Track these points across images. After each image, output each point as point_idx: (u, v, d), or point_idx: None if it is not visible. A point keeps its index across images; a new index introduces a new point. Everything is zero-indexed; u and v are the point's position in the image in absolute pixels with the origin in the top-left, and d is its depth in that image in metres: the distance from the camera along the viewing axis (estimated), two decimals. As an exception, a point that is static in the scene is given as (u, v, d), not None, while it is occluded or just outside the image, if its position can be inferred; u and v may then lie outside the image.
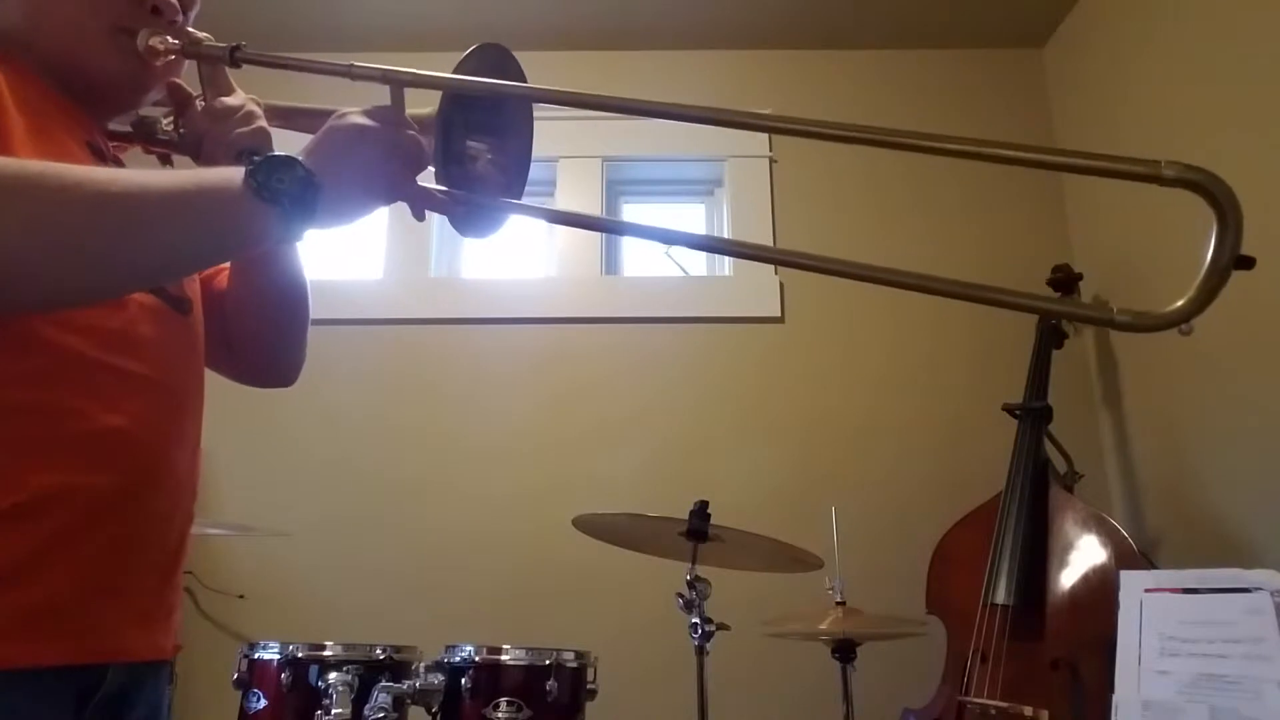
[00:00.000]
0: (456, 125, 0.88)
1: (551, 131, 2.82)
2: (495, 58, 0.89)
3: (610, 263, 2.83)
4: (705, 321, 2.64)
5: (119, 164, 0.95)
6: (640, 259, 2.91)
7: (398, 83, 0.84)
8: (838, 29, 2.86)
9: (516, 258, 2.86)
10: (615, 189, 2.94)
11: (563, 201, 2.79)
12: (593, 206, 2.78)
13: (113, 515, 0.82)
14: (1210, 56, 2.16)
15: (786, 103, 2.88)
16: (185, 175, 0.75)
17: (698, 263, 2.89)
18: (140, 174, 0.73)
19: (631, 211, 3.00)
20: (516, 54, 0.92)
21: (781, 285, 2.68)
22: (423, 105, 0.89)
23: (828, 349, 2.61)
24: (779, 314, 2.65)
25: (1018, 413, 2.26)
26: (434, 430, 2.56)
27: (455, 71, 0.85)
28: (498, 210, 0.90)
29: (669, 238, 0.89)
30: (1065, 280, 2.49)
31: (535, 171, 0.98)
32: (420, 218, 0.88)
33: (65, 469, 0.78)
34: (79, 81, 0.92)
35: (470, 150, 0.92)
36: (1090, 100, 2.68)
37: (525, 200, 0.98)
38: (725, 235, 2.84)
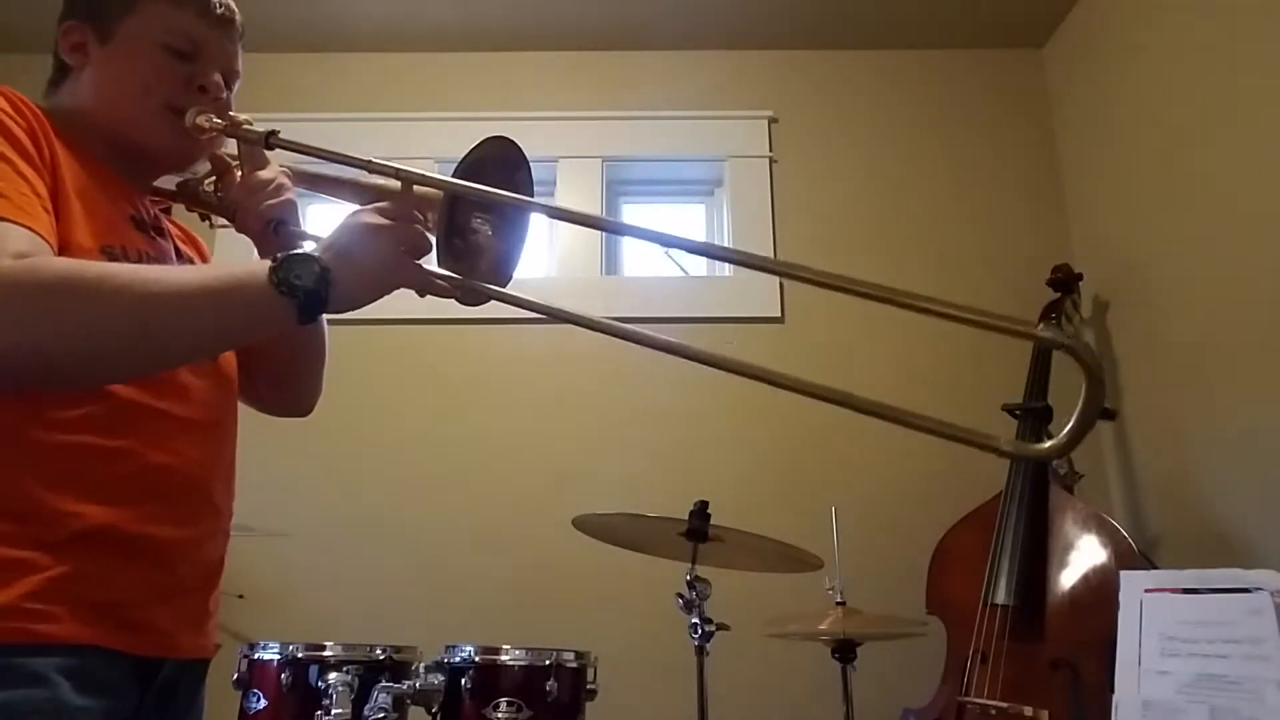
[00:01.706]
0: (462, 202, 0.97)
1: (552, 132, 2.83)
2: (501, 149, 0.98)
3: (610, 263, 2.83)
4: (705, 322, 2.64)
5: (157, 226, 1.08)
6: (640, 259, 2.91)
7: (408, 180, 0.93)
8: (838, 29, 2.86)
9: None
10: (615, 189, 2.94)
11: (563, 200, 2.79)
12: (592, 206, 2.78)
13: (163, 537, 0.95)
14: (1209, 56, 2.16)
15: (786, 103, 2.89)
16: (218, 272, 0.89)
17: (698, 263, 2.89)
18: (179, 271, 0.88)
19: (631, 212, 3.00)
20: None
21: (781, 285, 2.68)
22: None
23: (828, 349, 2.61)
24: (779, 314, 2.65)
25: (1018, 413, 2.26)
26: (434, 430, 2.56)
27: (464, 158, 0.94)
28: (489, 297, 0.99)
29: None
30: (1065, 280, 2.49)
31: (536, 172, 1.02)
32: (421, 296, 0.97)
33: (122, 501, 0.91)
34: (134, 153, 1.04)
35: (473, 225, 1.01)
36: (1090, 100, 2.68)
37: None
38: (726, 235, 2.84)
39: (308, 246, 0.94)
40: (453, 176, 0.93)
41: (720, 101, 2.89)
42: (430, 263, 0.94)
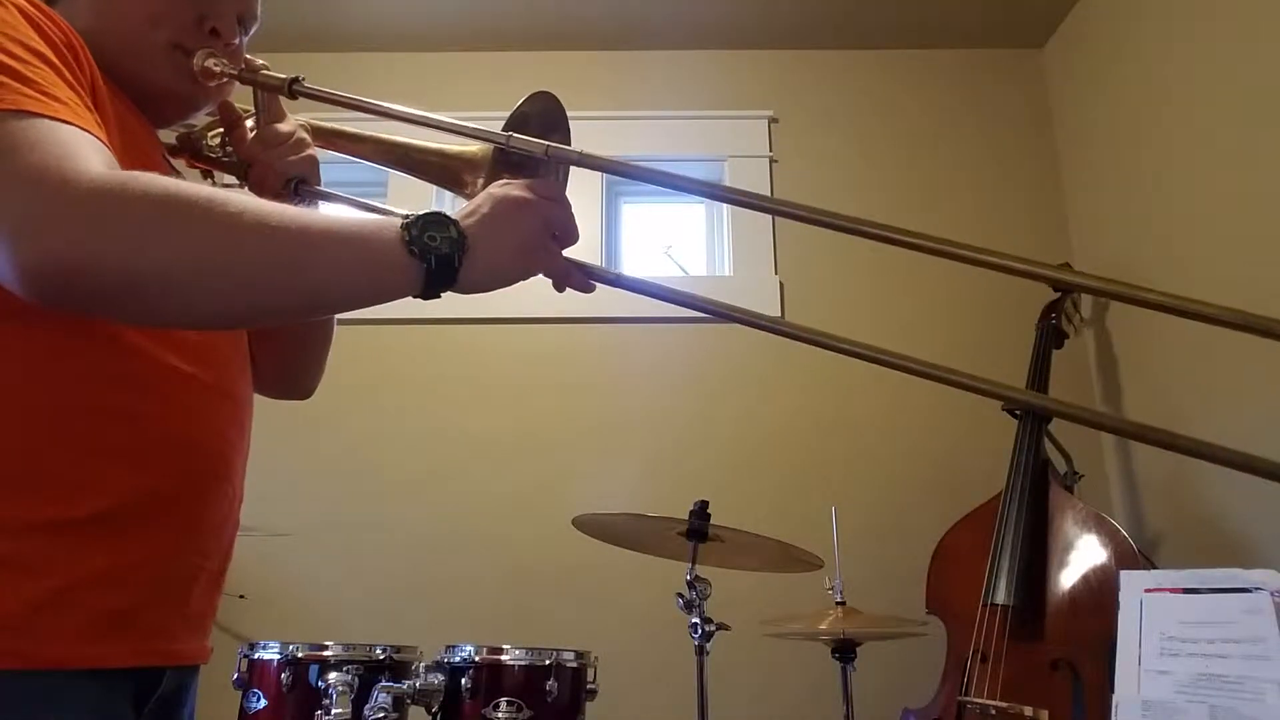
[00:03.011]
0: (501, 164, 0.92)
1: (551, 131, 2.82)
2: (545, 105, 0.94)
3: (610, 262, 2.83)
4: (705, 321, 2.64)
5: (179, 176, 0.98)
6: (640, 259, 2.91)
7: (559, 160, 0.86)
8: (838, 29, 2.86)
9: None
10: (615, 189, 2.94)
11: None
12: (593, 207, 2.78)
13: (182, 521, 0.86)
14: (1209, 56, 2.16)
15: (786, 103, 2.89)
16: (342, 218, 0.78)
17: (698, 263, 2.89)
18: (299, 211, 0.77)
19: (631, 212, 3.00)
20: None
21: (781, 285, 2.68)
22: (469, 143, 0.95)
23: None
24: (779, 313, 2.65)
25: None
26: (434, 430, 2.56)
27: (513, 111, 0.89)
28: (625, 289, 0.95)
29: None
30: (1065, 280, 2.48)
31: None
32: (560, 290, 0.90)
33: (144, 472, 0.82)
34: (134, 91, 0.92)
35: None
36: (1090, 100, 2.68)
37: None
38: (726, 235, 2.84)
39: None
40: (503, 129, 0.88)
41: (720, 101, 2.89)
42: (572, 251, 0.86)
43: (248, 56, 1.00)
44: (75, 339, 0.79)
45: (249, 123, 1.04)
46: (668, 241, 2.93)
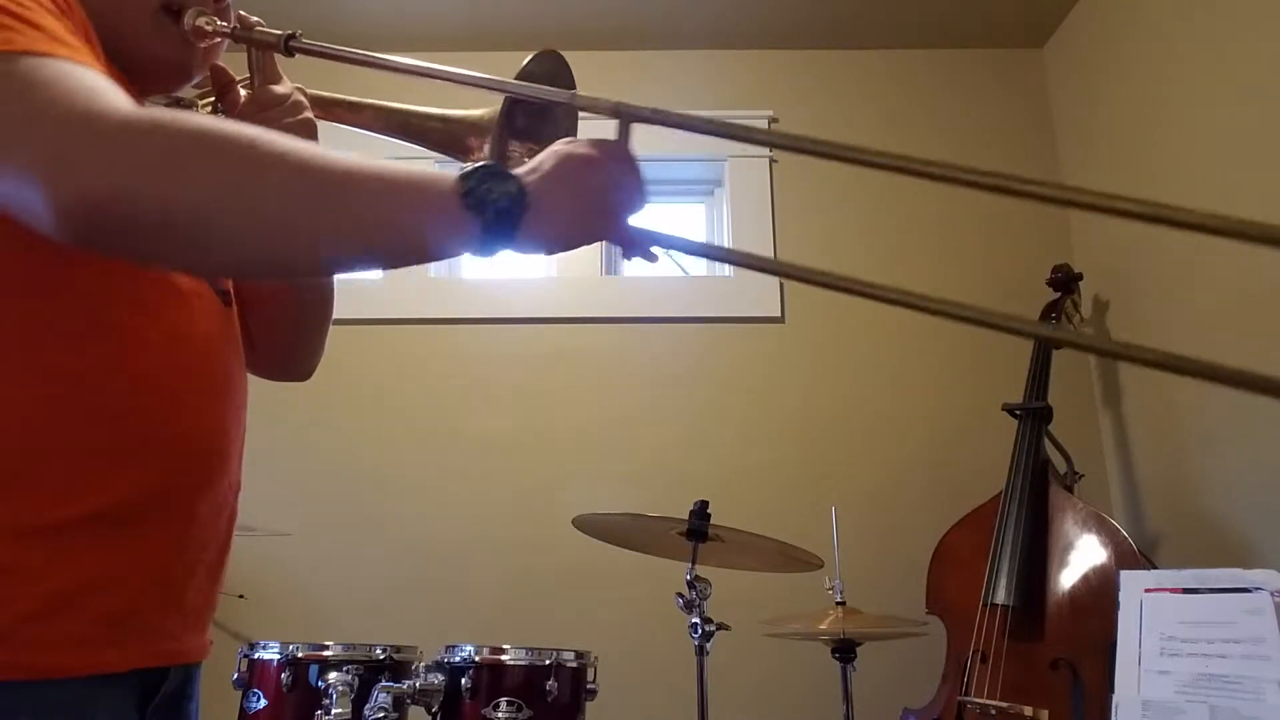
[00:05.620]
0: (506, 129, 0.88)
1: (551, 131, 2.82)
2: (551, 65, 0.91)
3: (610, 263, 2.83)
4: (705, 321, 2.64)
5: None
6: (640, 259, 2.90)
7: (629, 118, 0.82)
8: (839, 29, 2.86)
9: (516, 258, 2.85)
10: (615, 189, 2.94)
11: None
12: (593, 206, 2.78)
13: (179, 514, 0.85)
14: (1209, 55, 2.16)
15: (788, 103, 2.89)
16: (394, 165, 0.72)
17: (698, 263, 2.89)
18: (348, 155, 0.71)
19: (631, 211, 2.99)
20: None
21: (782, 285, 2.68)
22: (477, 106, 0.91)
23: (828, 349, 2.61)
24: (779, 314, 2.65)
25: (1018, 413, 2.26)
26: (434, 430, 2.56)
27: (521, 70, 0.86)
28: (691, 254, 0.91)
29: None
30: (1065, 280, 2.48)
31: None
32: (628, 258, 0.85)
33: (147, 471, 0.81)
34: (125, 61, 0.88)
35: (512, 151, 0.91)
36: (1090, 100, 2.68)
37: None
38: (726, 235, 2.84)
39: None
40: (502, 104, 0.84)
41: (720, 101, 2.88)
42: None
43: (241, 13, 0.96)
44: (63, 334, 0.77)
45: (242, 88, 0.99)
46: (668, 241, 2.93)
